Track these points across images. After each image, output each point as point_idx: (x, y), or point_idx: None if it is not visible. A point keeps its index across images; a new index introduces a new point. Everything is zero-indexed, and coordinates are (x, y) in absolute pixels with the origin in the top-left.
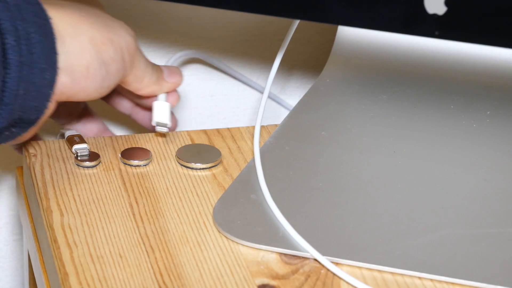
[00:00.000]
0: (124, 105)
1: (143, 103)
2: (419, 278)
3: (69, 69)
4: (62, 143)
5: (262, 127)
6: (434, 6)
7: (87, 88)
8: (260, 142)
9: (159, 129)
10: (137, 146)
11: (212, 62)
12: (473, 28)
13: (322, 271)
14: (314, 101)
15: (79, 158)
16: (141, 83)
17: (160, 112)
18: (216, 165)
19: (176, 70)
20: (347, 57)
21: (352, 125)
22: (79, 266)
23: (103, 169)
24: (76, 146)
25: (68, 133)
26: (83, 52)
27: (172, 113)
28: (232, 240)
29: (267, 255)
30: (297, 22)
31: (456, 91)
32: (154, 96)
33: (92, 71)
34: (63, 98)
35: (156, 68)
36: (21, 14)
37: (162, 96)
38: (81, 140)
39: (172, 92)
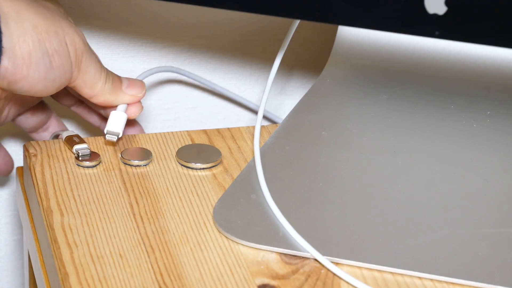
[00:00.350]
0: (93, 118)
1: (103, 113)
2: (419, 278)
3: (11, 52)
4: (62, 143)
5: (262, 127)
6: (435, 6)
7: (30, 77)
8: (260, 142)
9: (108, 137)
10: (137, 146)
11: (190, 76)
12: (473, 28)
13: (322, 271)
14: (314, 101)
15: (80, 158)
16: (92, 90)
17: (114, 122)
18: (216, 165)
19: (137, 83)
20: (347, 57)
21: (352, 125)
22: (79, 266)
23: (103, 169)
24: (76, 146)
25: (65, 134)
26: (25, 37)
27: (137, 122)
28: (232, 240)
29: (267, 255)
30: (297, 22)
31: (457, 91)
32: (112, 107)
33: (34, 59)
34: (4, 84)
35: (113, 77)
36: None
37: (121, 107)
38: (81, 140)
39: (135, 103)
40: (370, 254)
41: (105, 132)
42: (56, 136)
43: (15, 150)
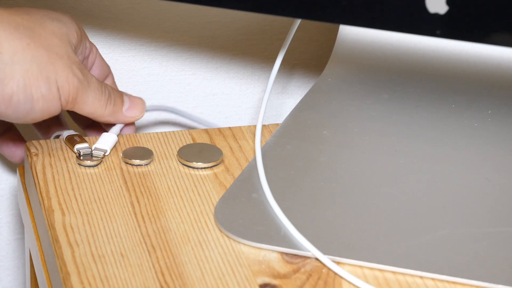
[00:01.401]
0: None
1: (104, 127)
2: (421, 277)
3: None
4: (64, 143)
5: (263, 126)
6: (436, 5)
7: (7, 116)
8: (261, 141)
9: (95, 153)
10: (138, 145)
11: (184, 116)
12: (474, 27)
13: (324, 270)
14: (315, 100)
15: (81, 157)
16: (92, 115)
17: (104, 141)
18: (218, 164)
19: (138, 105)
20: (348, 56)
21: (353, 124)
22: (80, 266)
23: (105, 169)
24: (78, 146)
25: (66, 133)
26: (10, 81)
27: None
28: (234, 239)
29: (269, 254)
30: (298, 21)
31: (458, 90)
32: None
33: (15, 102)
34: None
35: (115, 99)
36: None
37: (116, 128)
38: (82, 139)
39: (130, 125)
40: (372, 253)
41: (92, 148)
42: (58, 136)
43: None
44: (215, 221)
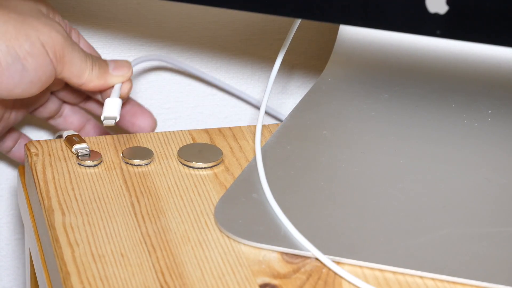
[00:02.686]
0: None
1: (97, 98)
2: (421, 277)
3: None
4: (64, 143)
5: (263, 126)
6: (436, 5)
7: (4, 84)
8: (261, 141)
9: (106, 122)
10: (138, 145)
11: (177, 65)
12: (474, 27)
13: (324, 270)
14: (315, 100)
15: (80, 157)
16: (80, 79)
17: (109, 107)
18: (218, 164)
19: (123, 63)
20: (348, 56)
21: (353, 124)
22: (80, 265)
23: (105, 169)
24: (76, 146)
25: (66, 133)
26: None
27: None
28: (234, 239)
29: (269, 254)
30: (298, 21)
31: (458, 90)
32: (103, 91)
33: (4, 65)
34: None
35: (99, 62)
36: None
37: (115, 92)
38: (80, 139)
39: (125, 82)
40: (372, 253)
41: (102, 119)
42: (60, 136)
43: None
44: (215, 221)
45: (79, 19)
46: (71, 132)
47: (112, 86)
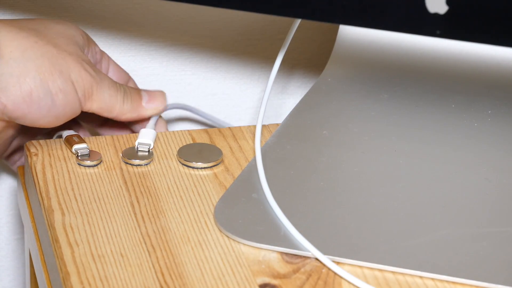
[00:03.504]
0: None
1: (132, 128)
2: (420, 277)
3: (8, 91)
4: (63, 143)
5: (263, 126)
6: (436, 5)
7: (31, 115)
8: (261, 141)
9: (141, 147)
10: None
11: (198, 113)
12: (474, 27)
13: (324, 270)
14: (315, 100)
15: (79, 157)
16: (111, 113)
17: (145, 136)
18: (217, 164)
19: (157, 96)
20: (348, 56)
21: (353, 124)
22: (80, 266)
23: (105, 169)
24: (76, 146)
25: (66, 133)
26: (26, 78)
27: (161, 119)
28: (234, 239)
29: (269, 254)
30: (298, 21)
31: (458, 90)
32: (137, 123)
33: (35, 98)
34: (5, 118)
35: (132, 94)
36: None
37: (150, 124)
38: (80, 139)
39: (160, 121)
40: (371, 253)
41: (136, 145)
42: (60, 136)
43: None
44: (215, 221)
45: (79, 19)
46: (71, 132)
47: (147, 118)
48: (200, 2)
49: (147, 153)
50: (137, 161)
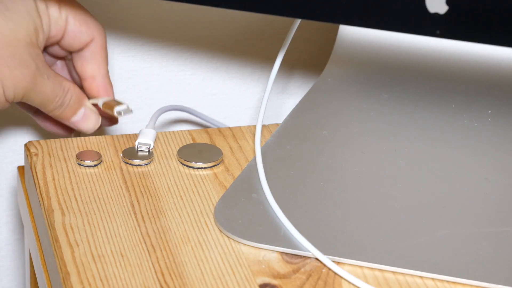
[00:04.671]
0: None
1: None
2: (421, 277)
3: None
4: (64, 142)
5: (263, 126)
6: (436, 5)
7: None
8: (261, 141)
9: (141, 147)
10: None
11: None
12: (474, 27)
13: (324, 270)
14: (315, 100)
15: (122, 113)
16: (44, 107)
17: (144, 136)
18: (218, 164)
19: (90, 119)
20: (348, 56)
21: (353, 124)
22: (80, 266)
23: (104, 168)
24: (117, 108)
25: (102, 100)
26: None
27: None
28: (234, 239)
29: (269, 254)
30: (298, 21)
31: (458, 90)
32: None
33: None
34: None
35: (70, 103)
36: None
37: (151, 123)
38: (118, 101)
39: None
40: (371, 253)
41: (135, 144)
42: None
43: (15, 150)
44: (215, 221)
45: None
46: (107, 99)
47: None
48: (200, 2)
49: (147, 153)
50: (137, 161)
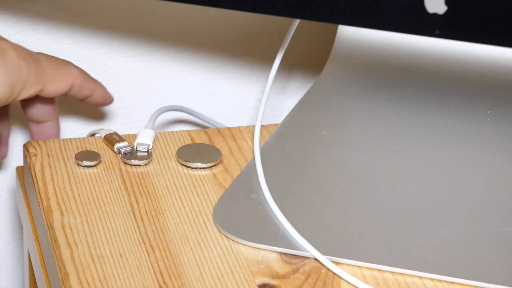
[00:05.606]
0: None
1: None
2: (420, 277)
3: None
4: (63, 143)
5: (262, 126)
6: (435, 5)
7: None
8: (260, 142)
9: (140, 147)
10: None
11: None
12: (473, 27)
13: (323, 271)
14: (314, 100)
15: (123, 156)
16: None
17: (143, 136)
18: (217, 164)
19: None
20: (347, 56)
21: (352, 124)
22: (79, 266)
23: (104, 169)
24: (118, 145)
25: (104, 133)
26: None
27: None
28: (233, 240)
29: (268, 255)
30: (297, 21)
31: (457, 90)
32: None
33: None
34: None
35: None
36: None
37: (150, 123)
38: (120, 138)
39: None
40: (370, 254)
41: (135, 145)
42: (93, 135)
43: (15, 150)
44: (214, 221)
45: (78, 19)
46: (109, 131)
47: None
48: (200, 2)
49: (146, 154)
50: (136, 162)
